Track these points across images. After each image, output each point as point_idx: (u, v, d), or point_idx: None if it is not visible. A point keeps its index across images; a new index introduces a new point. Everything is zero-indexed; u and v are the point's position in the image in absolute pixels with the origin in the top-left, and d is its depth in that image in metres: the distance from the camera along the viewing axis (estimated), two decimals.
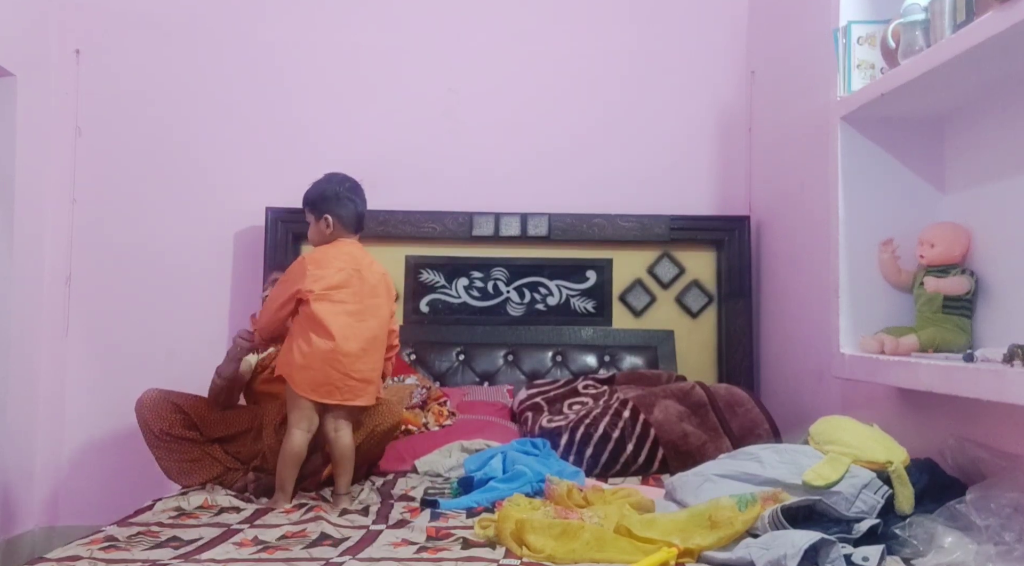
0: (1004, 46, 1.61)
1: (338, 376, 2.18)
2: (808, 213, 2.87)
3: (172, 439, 2.45)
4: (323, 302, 2.20)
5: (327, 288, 2.22)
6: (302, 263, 2.28)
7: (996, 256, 1.97)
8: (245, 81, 3.44)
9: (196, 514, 2.09)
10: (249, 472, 2.47)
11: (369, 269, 2.31)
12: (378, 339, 2.29)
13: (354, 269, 2.28)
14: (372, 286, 2.29)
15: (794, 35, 3.04)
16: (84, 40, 3.38)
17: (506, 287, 3.39)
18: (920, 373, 1.79)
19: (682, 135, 3.50)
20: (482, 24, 3.52)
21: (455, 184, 3.44)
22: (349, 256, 2.30)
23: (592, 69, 3.51)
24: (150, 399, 2.48)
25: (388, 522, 1.97)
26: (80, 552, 1.68)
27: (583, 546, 1.62)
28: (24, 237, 3.08)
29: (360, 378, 2.22)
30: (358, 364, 2.21)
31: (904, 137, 2.17)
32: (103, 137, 3.39)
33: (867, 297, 2.16)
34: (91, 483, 3.28)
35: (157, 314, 3.36)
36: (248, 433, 2.55)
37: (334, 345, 2.17)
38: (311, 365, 2.18)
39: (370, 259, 2.35)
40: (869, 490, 1.73)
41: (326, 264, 2.26)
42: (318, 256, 2.30)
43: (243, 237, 3.40)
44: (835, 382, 2.52)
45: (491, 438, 2.67)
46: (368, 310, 2.26)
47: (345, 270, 2.26)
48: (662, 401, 2.68)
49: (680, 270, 3.41)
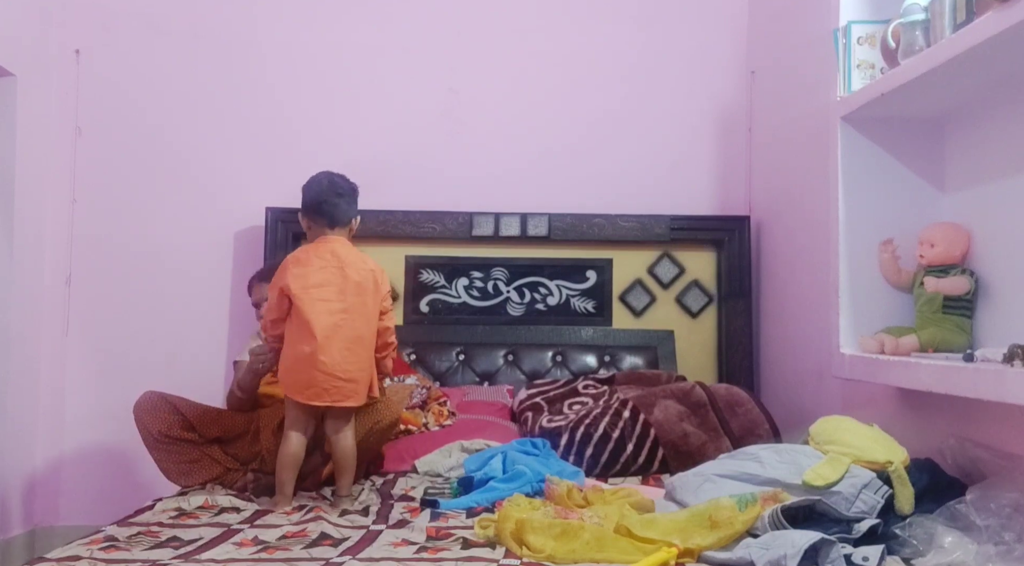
0: (1004, 46, 1.61)
1: (323, 377, 2.16)
2: (808, 213, 2.87)
3: (170, 440, 2.45)
4: (306, 301, 2.18)
5: (308, 286, 2.20)
6: (284, 262, 2.28)
7: (996, 256, 1.97)
8: (245, 81, 3.44)
9: (196, 514, 2.09)
10: (248, 473, 2.47)
11: (353, 267, 2.27)
12: (364, 338, 2.25)
13: (336, 267, 2.24)
14: (356, 283, 2.25)
15: (794, 35, 3.04)
16: (84, 40, 3.38)
17: (506, 287, 3.39)
18: (920, 373, 1.79)
19: (682, 135, 3.50)
20: (482, 24, 3.52)
21: (455, 184, 3.43)
22: (331, 254, 2.26)
23: (592, 69, 3.51)
24: (147, 401, 2.47)
25: (388, 522, 1.97)
26: (80, 552, 1.68)
27: (583, 546, 1.62)
28: (24, 237, 3.08)
29: (347, 378, 2.19)
30: (344, 364, 2.18)
31: (904, 137, 2.16)
32: (103, 137, 3.39)
33: (867, 297, 2.16)
34: (91, 483, 3.28)
35: (157, 314, 3.36)
36: (246, 435, 2.55)
37: (315, 346, 2.15)
38: (298, 368, 2.18)
39: (357, 256, 2.31)
40: (869, 490, 1.73)
41: (306, 262, 2.24)
42: (299, 255, 2.28)
43: (243, 237, 3.40)
44: (835, 382, 2.52)
45: (491, 438, 2.67)
46: (354, 308, 2.23)
47: (327, 268, 2.23)
48: (662, 401, 2.68)
49: (680, 270, 3.41)
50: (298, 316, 2.19)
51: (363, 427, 2.33)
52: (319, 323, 2.16)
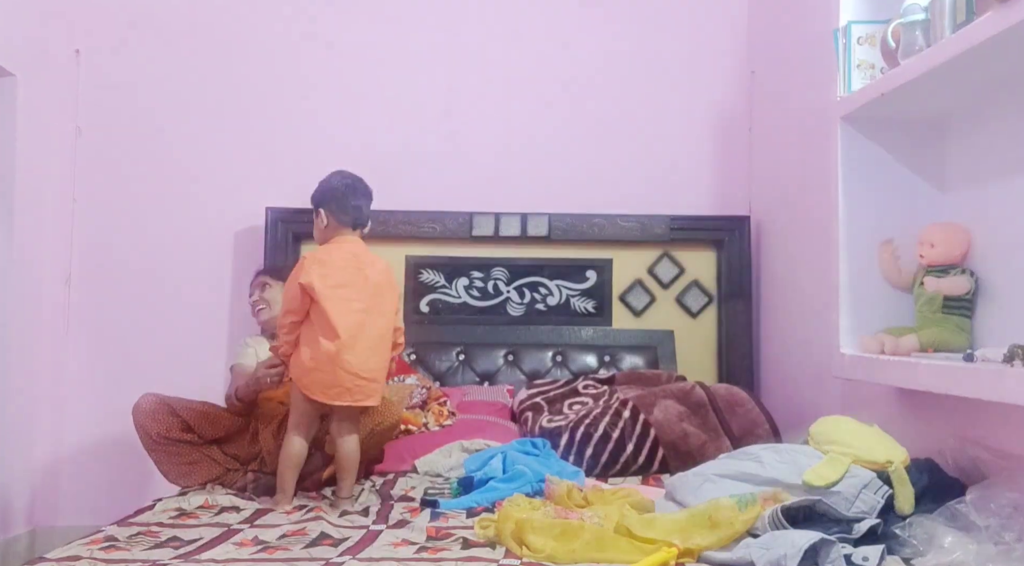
0: (1004, 46, 1.61)
1: (348, 376, 2.16)
2: (808, 213, 2.87)
3: (170, 442, 2.45)
4: (330, 300, 2.17)
5: (332, 285, 2.20)
6: (302, 261, 2.27)
7: (996, 256, 1.97)
8: (245, 81, 3.44)
9: (197, 514, 2.09)
10: (248, 473, 2.48)
11: (372, 267, 2.29)
12: (384, 338, 2.27)
13: (356, 268, 2.26)
14: (376, 284, 2.27)
15: (794, 35, 3.04)
16: (84, 40, 3.38)
17: (506, 287, 3.39)
18: (920, 373, 1.79)
19: (682, 135, 3.50)
20: (482, 24, 3.52)
21: (455, 184, 3.43)
22: (351, 255, 2.28)
23: (592, 69, 3.51)
24: (146, 404, 2.47)
25: (388, 522, 1.97)
26: (80, 552, 1.68)
27: (583, 546, 1.62)
28: (24, 237, 3.08)
29: (369, 377, 2.20)
30: (368, 363, 2.19)
31: (904, 137, 2.17)
32: (103, 137, 3.39)
33: (867, 297, 2.16)
34: (91, 483, 3.27)
35: (157, 314, 3.36)
36: (244, 434, 2.55)
37: (340, 344, 2.15)
38: (320, 367, 2.16)
39: (372, 257, 2.33)
40: (869, 490, 1.73)
41: (328, 262, 2.24)
42: (320, 255, 2.28)
43: (243, 237, 3.40)
44: (835, 382, 2.52)
45: (491, 438, 2.67)
46: (375, 307, 2.24)
47: (348, 268, 2.24)
48: (662, 401, 2.68)
49: (680, 270, 3.41)
50: (320, 315, 2.18)
51: (365, 428, 2.33)
52: (343, 322, 2.16)
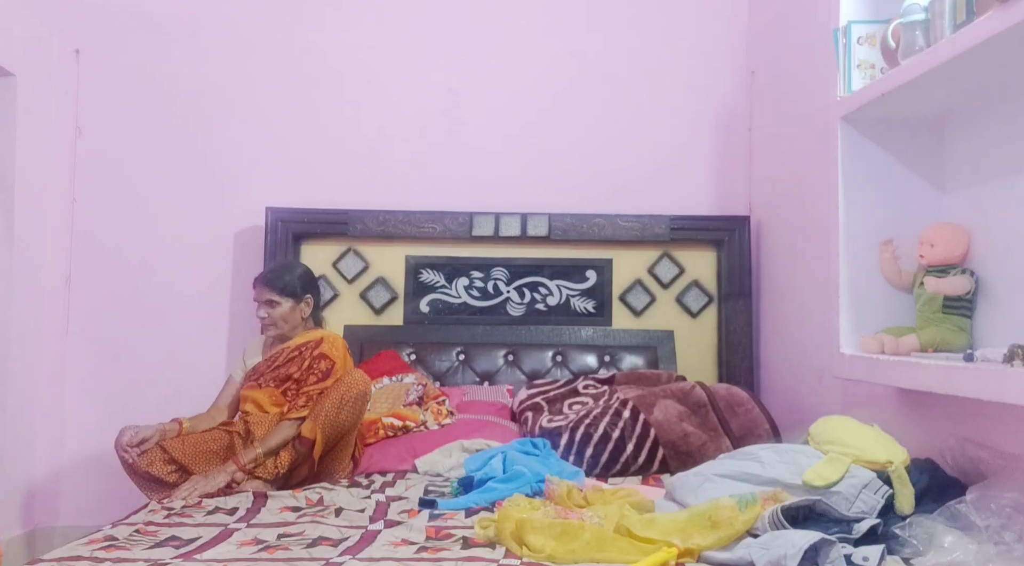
0: (1004, 46, 1.61)
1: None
2: (808, 213, 2.88)
3: (151, 478, 2.46)
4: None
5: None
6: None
7: (996, 256, 1.97)
8: (245, 81, 3.44)
9: (188, 513, 2.09)
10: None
11: None
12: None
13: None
14: None
15: (794, 35, 3.04)
16: (84, 40, 3.38)
17: (506, 287, 3.39)
18: (920, 373, 1.79)
19: (682, 135, 3.50)
20: (482, 24, 3.52)
21: (455, 184, 3.44)
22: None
23: (592, 69, 3.51)
24: (130, 442, 2.46)
25: (388, 522, 1.97)
26: (80, 552, 1.68)
27: (583, 546, 1.62)
28: (24, 237, 3.08)
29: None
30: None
31: (904, 137, 2.17)
32: (103, 137, 3.39)
33: (867, 297, 2.16)
34: (91, 483, 3.27)
35: (157, 314, 3.36)
36: (228, 450, 2.53)
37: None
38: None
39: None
40: (869, 490, 1.73)
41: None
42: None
43: (243, 237, 3.40)
44: (835, 382, 2.52)
45: (491, 438, 2.67)
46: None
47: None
48: (662, 401, 2.68)
49: (680, 270, 3.41)
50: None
51: (332, 404, 2.43)
52: None
